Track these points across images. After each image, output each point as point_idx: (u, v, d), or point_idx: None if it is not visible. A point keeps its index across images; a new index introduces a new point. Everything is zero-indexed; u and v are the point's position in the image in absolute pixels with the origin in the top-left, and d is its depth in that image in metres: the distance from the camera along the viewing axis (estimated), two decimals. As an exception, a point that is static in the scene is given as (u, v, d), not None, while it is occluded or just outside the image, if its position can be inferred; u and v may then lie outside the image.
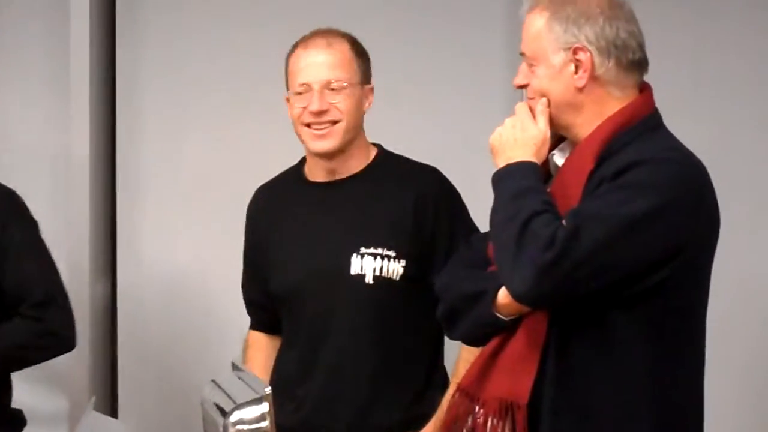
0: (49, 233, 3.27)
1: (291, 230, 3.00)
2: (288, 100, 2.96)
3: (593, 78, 2.42)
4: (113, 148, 4.07)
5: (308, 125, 2.90)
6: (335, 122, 2.90)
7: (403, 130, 3.60)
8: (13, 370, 3.15)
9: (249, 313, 3.16)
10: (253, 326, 3.15)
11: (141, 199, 4.04)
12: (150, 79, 4.02)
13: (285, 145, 3.17)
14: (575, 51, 2.42)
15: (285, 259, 2.99)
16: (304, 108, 2.90)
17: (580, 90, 2.42)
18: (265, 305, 3.08)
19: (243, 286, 3.16)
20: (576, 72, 2.42)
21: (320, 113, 2.89)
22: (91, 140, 3.96)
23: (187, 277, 3.99)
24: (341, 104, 2.90)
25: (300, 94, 2.90)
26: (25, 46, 4.05)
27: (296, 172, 3.06)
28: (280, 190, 3.09)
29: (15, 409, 3.19)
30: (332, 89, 2.90)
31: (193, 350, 3.93)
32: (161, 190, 4.01)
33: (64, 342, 3.13)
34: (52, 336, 3.08)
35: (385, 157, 3.03)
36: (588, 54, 2.41)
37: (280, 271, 3.00)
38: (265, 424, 2.14)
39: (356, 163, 2.97)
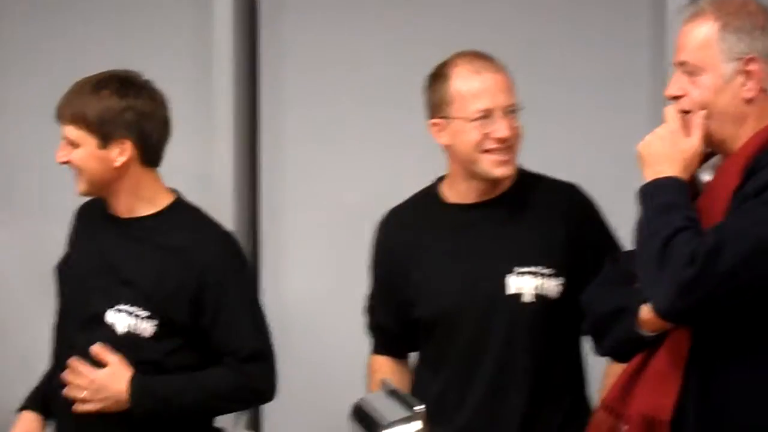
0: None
1: (437, 253, 2.99)
2: (436, 124, 2.95)
3: (762, 90, 2.40)
4: (254, 171, 4.12)
5: (488, 151, 2.90)
6: (512, 146, 2.90)
7: (546, 143, 3.57)
8: (203, 416, 3.12)
9: (374, 337, 3.16)
10: (378, 350, 3.16)
11: (284, 220, 4.08)
12: (292, 102, 4.05)
13: (427, 172, 3.15)
14: (747, 62, 2.40)
15: (434, 283, 2.98)
16: (486, 134, 2.88)
17: (748, 102, 2.41)
18: (394, 329, 3.10)
19: (370, 310, 3.16)
20: (745, 83, 2.40)
21: (506, 139, 2.88)
22: (234, 163, 4.03)
23: (330, 297, 4.02)
24: (519, 129, 2.90)
25: (478, 119, 2.89)
26: (167, 67, 4.09)
27: (429, 194, 3.05)
28: (415, 213, 3.08)
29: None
30: (511, 113, 2.90)
31: (339, 371, 3.94)
32: (304, 213, 4.05)
33: (262, 397, 3.16)
34: (251, 392, 3.09)
35: (526, 175, 3.02)
36: (760, 65, 2.39)
37: (430, 294, 2.98)
38: (419, 442, 2.16)
39: (504, 184, 2.97)
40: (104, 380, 2.98)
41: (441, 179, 3.06)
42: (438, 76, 2.95)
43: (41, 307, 3.90)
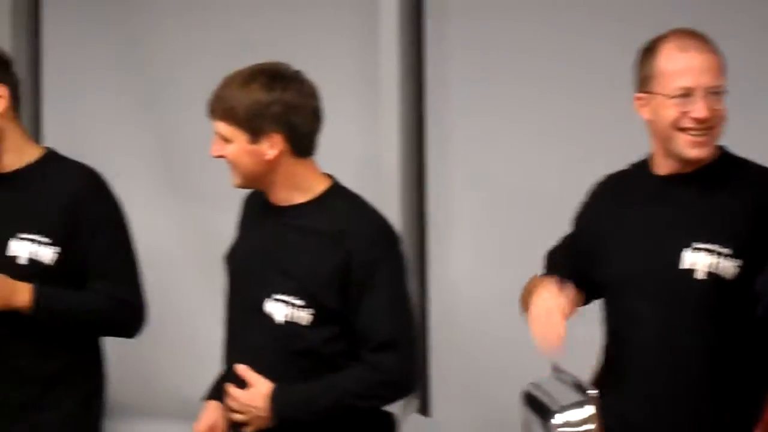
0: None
1: (628, 221, 2.96)
2: (639, 98, 2.91)
3: None
4: (421, 156, 4.11)
5: (684, 130, 2.86)
6: (711, 128, 2.86)
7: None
8: (338, 414, 3.10)
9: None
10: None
11: (450, 205, 4.05)
12: (458, 87, 4.02)
13: (593, 156, 3.13)
14: None
15: (616, 248, 2.95)
16: (684, 113, 2.84)
17: None
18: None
19: (550, 257, 3.13)
20: None
21: (704, 120, 2.84)
22: (400, 148, 4.02)
23: (498, 283, 3.98)
24: (721, 111, 2.86)
25: (677, 97, 2.84)
26: (334, 54, 4.12)
27: (644, 164, 3.02)
28: (623, 181, 3.05)
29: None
30: (714, 94, 2.85)
31: (507, 356, 3.90)
32: (471, 198, 4.04)
33: (398, 389, 3.10)
34: (386, 386, 3.05)
35: (729, 157, 2.96)
36: None
37: (609, 258, 2.96)
38: (592, 427, 2.14)
39: (701, 162, 2.91)
40: (248, 399, 3.03)
41: None
42: (648, 51, 2.92)
43: (206, 296, 3.99)
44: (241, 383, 3.05)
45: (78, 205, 3.26)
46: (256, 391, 3.02)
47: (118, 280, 3.30)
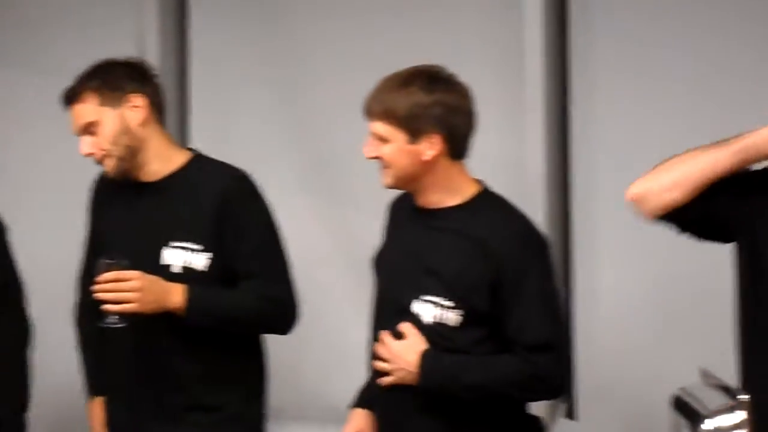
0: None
1: None
2: None
3: None
4: (566, 159, 4.09)
5: None
6: None
7: None
8: (492, 400, 3.10)
9: None
10: None
11: (596, 208, 4.02)
12: (604, 88, 3.99)
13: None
14: None
15: None
16: None
17: None
18: None
19: None
20: None
21: None
22: (545, 151, 4.00)
23: (644, 288, 3.96)
24: None
25: None
26: (477, 55, 4.12)
27: None
28: None
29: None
30: None
31: (653, 362, 3.89)
32: (617, 202, 3.98)
33: (550, 388, 3.10)
34: (538, 380, 3.03)
35: None
36: None
37: None
38: (743, 432, 2.11)
39: None
40: (399, 350, 3.03)
41: None
42: None
43: (353, 299, 4.01)
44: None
45: (227, 208, 3.30)
46: (410, 345, 3.02)
47: (269, 279, 3.34)
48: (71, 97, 3.33)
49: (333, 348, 4.23)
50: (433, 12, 4.19)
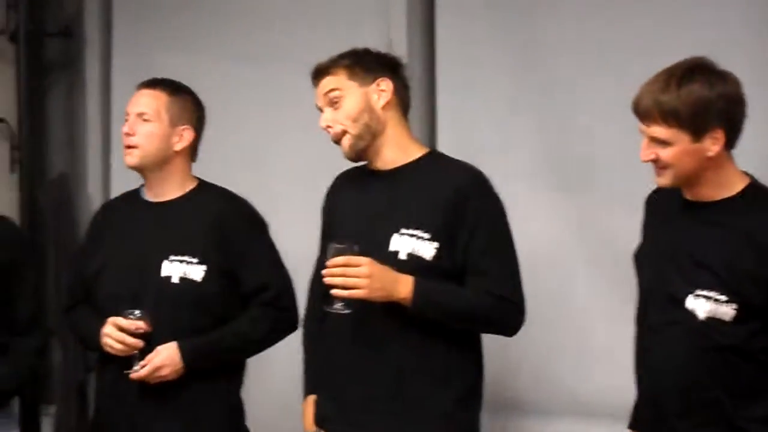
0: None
1: None
2: None
3: None
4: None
5: None
6: None
7: None
8: None
9: None
10: None
11: None
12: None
13: None
14: None
15: None
16: None
17: None
18: None
19: None
20: None
21: None
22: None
23: None
24: None
25: None
26: (726, 49, 3.99)
27: None
28: None
29: None
30: None
31: None
32: None
33: None
34: None
35: None
36: None
37: None
38: None
39: None
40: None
41: None
42: None
43: (599, 295, 3.96)
44: None
45: (461, 202, 3.30)
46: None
47: (497, 278, 3.31)
48: (322, 70, 3.39)
49: (581, 344, 4.17)
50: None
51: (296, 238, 4.01)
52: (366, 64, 3.37)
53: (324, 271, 3.24)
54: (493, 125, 4.30)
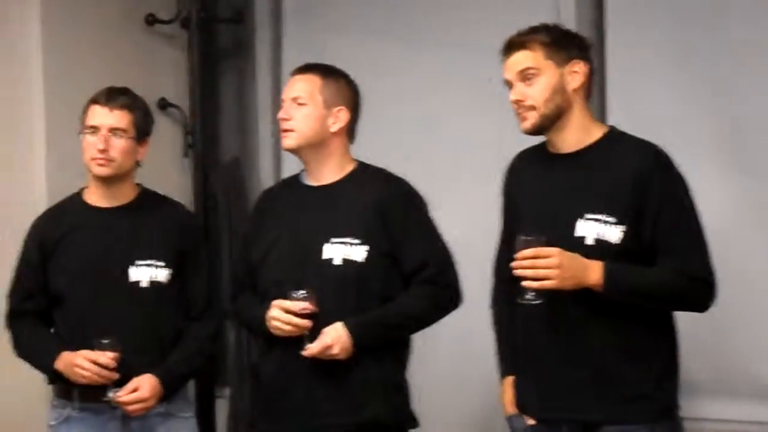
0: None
1: None
2: None
3: None
4: None
5: None
6: None
7: None
8: None
9: None
10: None
11: None
12: None
13: None
14: None
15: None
16: None
17: None
18: None
19: None
20: None
21: None
22: None
23: None
24: None
25: None
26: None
27: None
28: None
29: None
30: None
31: None
32: None
33: None
34: None
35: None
36: None
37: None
38: None
39: None
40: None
41: None
42: None
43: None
44: None
45: (646, 180, 3.25)
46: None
47: (687, 255, 3.26)
48: (517, 44, 3.37)
49: (761, 325, 4.08)
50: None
51: (460, 219, 4.00)
52: (563, 43, 3.35)
53: (513, 264, 3.24)
54: (664, 102, 4.23)
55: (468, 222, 4.33)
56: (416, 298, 3.67)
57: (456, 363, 4.70)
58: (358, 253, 3.62)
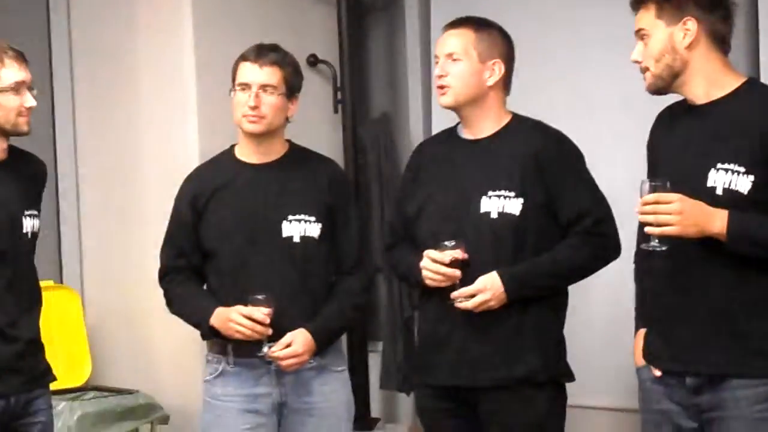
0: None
1: None
2: None
3: None
4: None
5: None
6: None
7: None
8: None
9: None
10: None
11: None
12: None
13: None
14: None
15: None
16: None
17: None
18: None
19: None
20: None
21: None
22: None
23: None
24: None
25: None
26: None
27: None
28: None
29: None
30: None
31: None
32: None
33: None
34: None
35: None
36: None
37: None
38: None
39: None
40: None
41: None
42: None
43: None
44: None
45: None
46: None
47: None
48: (636, 2, 3.32)
49: None
50: None
51: (615, 169, 3.93)
52: (675, 1, 3.28)
53: (636, 209, 3.20)
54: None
55: (619, 170, 4.29)
56: (574, 248, 3.65)
57: (610, 317, 4.65)
58: (514, 206, 3.61)
